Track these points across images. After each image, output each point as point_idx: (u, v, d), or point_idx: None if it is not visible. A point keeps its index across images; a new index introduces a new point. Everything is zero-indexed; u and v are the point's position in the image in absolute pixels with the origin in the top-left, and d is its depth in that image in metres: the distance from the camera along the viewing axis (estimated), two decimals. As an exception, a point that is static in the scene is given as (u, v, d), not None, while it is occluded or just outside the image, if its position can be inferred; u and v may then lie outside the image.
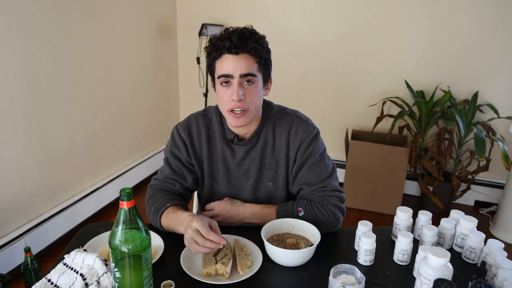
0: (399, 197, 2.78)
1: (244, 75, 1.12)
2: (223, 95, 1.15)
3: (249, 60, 1.12)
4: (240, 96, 1.12)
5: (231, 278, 1.00)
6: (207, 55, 1.18)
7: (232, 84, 1.13)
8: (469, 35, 2.72)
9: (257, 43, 1.12)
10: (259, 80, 1.16)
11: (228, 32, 1.12)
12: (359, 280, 0.90)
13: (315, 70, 3.11)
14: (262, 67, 1.16)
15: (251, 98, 1.14)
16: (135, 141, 3.03)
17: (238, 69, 1.11)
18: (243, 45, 1.10)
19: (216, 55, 1.13)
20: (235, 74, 1.11)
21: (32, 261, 1.82)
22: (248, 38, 1.11)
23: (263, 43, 1.15)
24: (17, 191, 2.06)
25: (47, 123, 2.18)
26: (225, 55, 1.12)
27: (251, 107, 1.15)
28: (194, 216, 1.07)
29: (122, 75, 2.77)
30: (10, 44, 1.91)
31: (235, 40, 1.09)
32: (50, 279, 0.93)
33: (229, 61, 1.11)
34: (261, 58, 1.14)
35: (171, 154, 1.28)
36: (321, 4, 2.96)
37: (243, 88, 1.13)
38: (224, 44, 1.10)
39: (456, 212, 1.20)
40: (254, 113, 1.18)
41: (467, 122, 2.70)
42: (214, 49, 1.13)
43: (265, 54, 1.16)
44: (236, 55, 1.11)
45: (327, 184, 1.23)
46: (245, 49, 1.11)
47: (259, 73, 1.15)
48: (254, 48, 1.12)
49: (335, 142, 3.18)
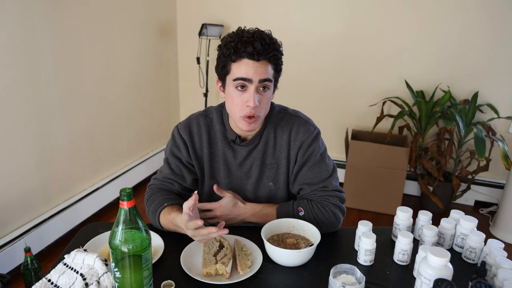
0: (399, 197, 2.78)
1: (262, 81, 1.12)
2: (236, 99, 1.14)
3: (268, 67, 1.12)
4: (257, 103, 1.12)
5: (231, 278, 1.00)
6: (220, 56, 1.15)
7: (248, 89, 1.12)
8: (469, 35, 2.72)
9: (277, 51, 1.13)
10: (272, 85, 1.17)
11: (249, 36, 1.09)
12: (359, 280, 0.90)
13: (315, 70, 3.11)
14: (277, 74, 1.17)
15: (263, 105, 1.16)
16: (135, 141, 3.03)
17: (258, 74, 1.10)
18: (264, 52, 1.09)
19: (235, 58, 1.11)
20: (255, 79, 1.10)
21: (32, 261, 1.82)
22: (269, 45, 1.10)
23: (281, 50, 1.16)
24: (17, 191, 2.06)
25: (47, 123, 2.18)
26: (245, 60, 1.10)
27: (262, 113, 1.17)
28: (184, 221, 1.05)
29: (122, 75, 2.77)
30: (10, 44, 1.91)
31: (258, 46, 1.08)
32: (50, 279, 0.93)
33: (249, 66, 1.10)
34: (277, 65, 1.15)
35: (171, 154, 1.28)
36: (321, 4, 2.96)
37: (258, 94, 1.13)
38: (246, 48, 1.08)
39: (456, 212, 1.20)
40: (263, 118, 1.21)
41: (467, 122, 2.70)
42: (233, 52, 1.10)
43: (281, 63, 1.17)
44: (257, 61, 1.10)
45: (327, 184, 1.24)
46: (266, 56, 1.10)
47: (273, 79, 1.16)
48: (275, 56, 1.12)
49: (335, 142, 3.18)
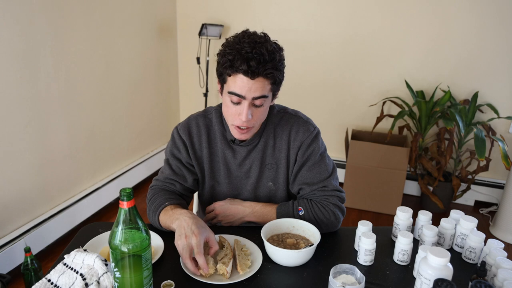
0: (399, 197, 2.78)
1: (256, 98, 1.10)
2: (231, 108, 1.14)
3: (264, 83, 1.09)
4: (249, 117, 1.11)
5: (231, 278, 1.00)
6: (219, 63, 1.13)
7: (242, 103, 1.11)
8: (469, 35, 2.72)
9: (275, 69, 1.08)
10: (269, 99, 1.15)
11: (247, 50, 1.05)
12: (359, 280, 0.90)
13: (315, 70, 3.11)
14: (275, 87, 1.15)
15: (258, 117, 1.15)
16: (135, 141, 3.03)
17: (252, 92, 1.09)
18: (260, 70, 1.06)
19: (230, 72, 1.08)
20: (248, 96, 1.09)
21: (32, 261, 1.82)
22: (267, 62, 1.06)
23: (280, 66, 1.11)
24: (17, 191, 2.06)
25: (47, 123, 2.18)
26: (240, 76, 1.07)
27: (257, 124, 1.17)
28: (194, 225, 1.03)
29: (122, 75, 2.77)
30: (10, 44, 1.91)
31: (253, 65, 1.04)
32: (50, 279, 0.93)
33: (244, 82, 1.07)
34: (275, 80, 1.12)
35: (171, 155, 1.28)
36: (321, 4, 2.96)
37: (252, 108, 1.12)
38: (241, 66, 1.05)
39: (456, 212, 1.20)
40: (258, 127, 1.21)
41: (467, 122, 2.70)
42: (229, 66, 1.07)
43: (280, 77, 1.13)
44: (252, 79, 1.07)
45: (327, 183, 1.24)
46: (263, 73, 1.07)
47: (270, 93, 1.14)
48: (271, 74, 1.09)
49: (335, 142, 3.18)
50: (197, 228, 1.02)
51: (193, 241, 1.00)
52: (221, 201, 1.30)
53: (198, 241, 1.00)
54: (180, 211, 1.11)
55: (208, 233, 1.05)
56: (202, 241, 1.01)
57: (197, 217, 1.08)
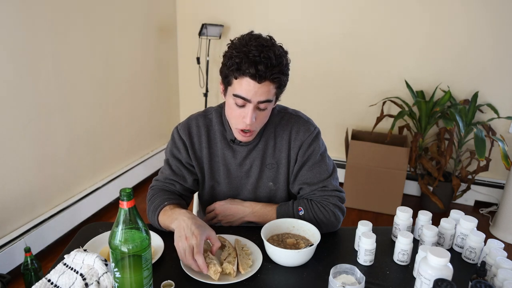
0: (399, 197, 2.78)
1: (262, 102, 1.11)
2: (235, 111, 1.14)
3: (269, 87, 1.10)
4: (253, 120, 1.12)
5: (231, 278, 1.00)
6: (225, 65, 1.12)
7: (246, 106, 1.12)
8: (469, 35, 2.72)
9: (281, 73, 1.09)
10: (272, 103, 1.16)
11: (255, 54, 1.05)
12: (359, 280, 0.90)
13: (315, 70, 3.11)
14: (279, 91, 1.16)
15: (260, 120, 1.16)
16: (135, 141, 3.03)
17: (258, 96, 1.09)
18: (268, 74, 1.06)
19: (237, 75, 1.08)
20: (254, 100, 1.10)
21: (32, 261, 1.82)
22: (275, 66, 1.07)
23: (286, 70, 1.12)
24: (17, 191, 2.06)
25: (47, 123, 2.18)
26: (247, 79, 1.07)
27: (259, 126, 1.18)
28: (193, 225, 1.03)
29: (122, 75, 2.77)
30: (10, 44, 1.91)
31: (261, 69, 1.05)
32: (50, 279, 0.93)
33: (250, 86, 1.08)
34: (281, 84, 1.13)
35: (171, 155, 1.28)
36: (321, 4, 2.96)
37: (256, 111, 1.13)
38: (248, 69, 1.05)
39: (456, 212, 1.20)
40: (259, 130, 1.21)
41: (467, 122, 2.70)
42: (236, 69, 1.07)
43: (286, 81, 1.14)
44: (258, 83, 1.08)
45: (327, 184, 1.24)
46: (269, 77, 1.07)
47: (274, 97, 1.15)
48: (278, 79, 1.09)
49: (335, 142, 3.18)
50: (196, 229, 1.02)
51: (194, 242, 1.00)
52: (221, 201, 1.30)
53: (198, 242, 1.00)
54: (179, 211, 1.11)
55: (208, 231, 1.05)
56: (202, 241, 1.01)
57: (196, 217, 1.08)
